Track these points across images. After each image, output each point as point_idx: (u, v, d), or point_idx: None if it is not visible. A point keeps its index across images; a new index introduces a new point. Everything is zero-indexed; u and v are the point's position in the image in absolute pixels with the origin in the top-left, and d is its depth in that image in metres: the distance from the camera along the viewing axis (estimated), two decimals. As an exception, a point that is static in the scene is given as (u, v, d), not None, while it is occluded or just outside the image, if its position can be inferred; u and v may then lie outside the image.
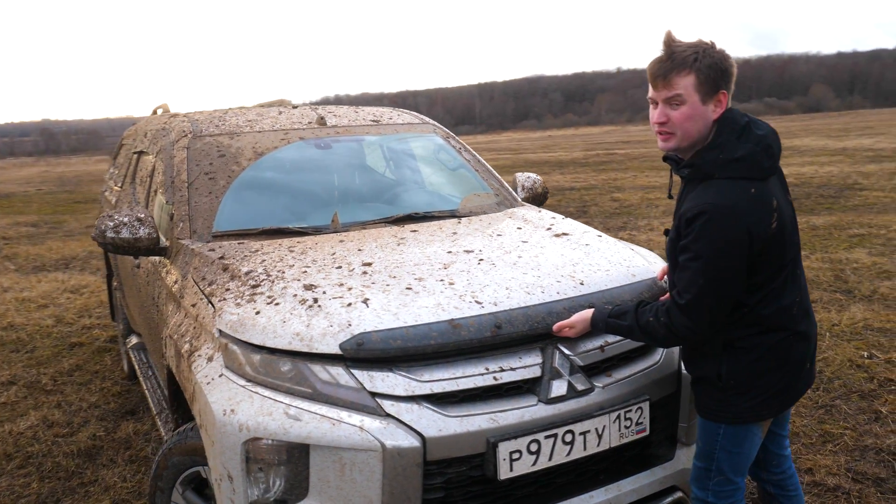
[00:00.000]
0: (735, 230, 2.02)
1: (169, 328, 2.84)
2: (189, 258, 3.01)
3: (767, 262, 2.10)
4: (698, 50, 2.09)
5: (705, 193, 2.08)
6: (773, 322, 2.16)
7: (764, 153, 2.10)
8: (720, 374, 2.21)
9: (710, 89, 2.09)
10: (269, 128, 3.85)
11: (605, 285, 2.63)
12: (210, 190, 3.39)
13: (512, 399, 2.29)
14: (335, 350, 2.21)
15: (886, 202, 12.05)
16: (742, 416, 2.23)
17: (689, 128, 2.12)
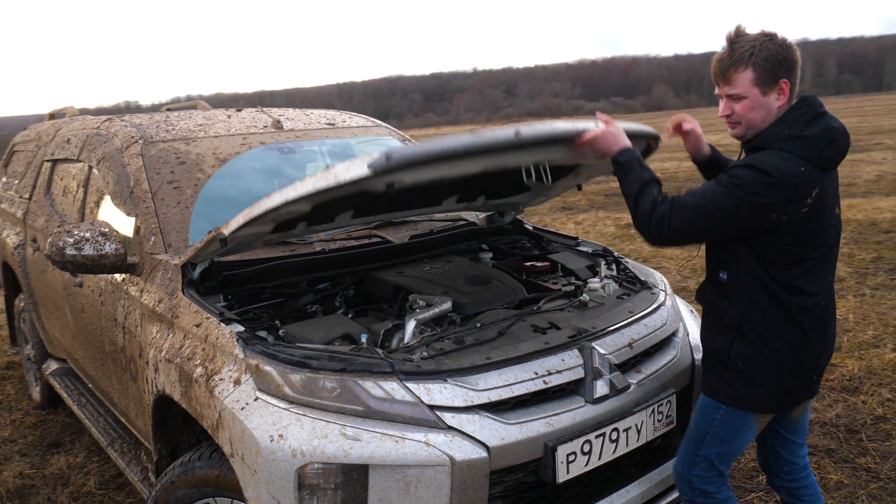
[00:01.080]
0: (765, 191, 2.07)
1: (163, 352, 2.61)
2: (174, 274, 2.78)
3: (794, 237, 2.14)
4: (755, 44, 2.17)
5: (759, 156, 2.15)
6: (791, 311, 2.19)
7: (828, 143, 2.14)
8: (730, 353, 2.26)
9: (768, 80, 2.17)
10: (224, 132, 3.63)
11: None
12: (178, 200, 3.16)
13: (561, 402, 2.30)
14: (365, 172, 2.01)
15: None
16: (740, 401, 2.28)
17: (753, 117, 2.21)
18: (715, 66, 2.25)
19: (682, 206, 2.17)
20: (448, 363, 2.24)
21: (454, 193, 3.10)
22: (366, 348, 2.35)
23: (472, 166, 2.27)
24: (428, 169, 2.19)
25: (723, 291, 2.30)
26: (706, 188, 2.17)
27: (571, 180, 3.16)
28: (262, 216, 2.29)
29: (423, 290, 2.85)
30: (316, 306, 3.03)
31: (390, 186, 2.16)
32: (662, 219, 2.17)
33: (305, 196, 2.16)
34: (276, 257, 3.00)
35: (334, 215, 2.82)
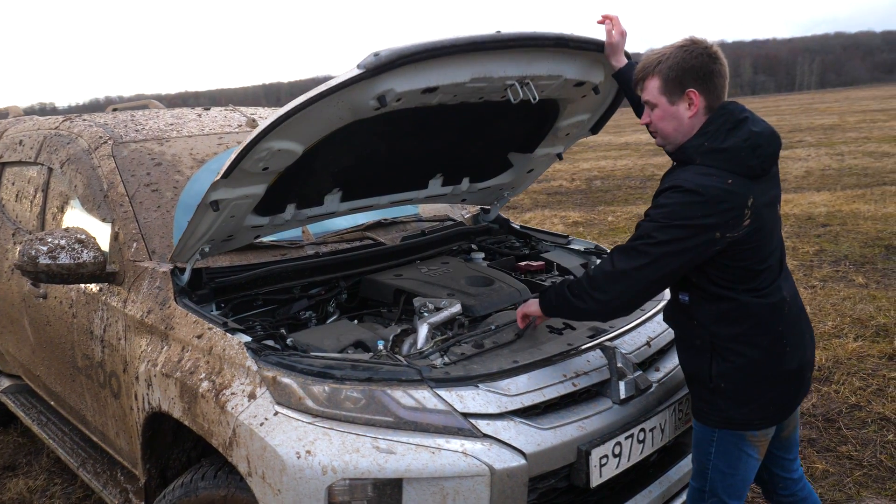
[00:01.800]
0: (700, 211, 1.98)
1: (158, 366, 2.44)
2: (163, 283, 2.61)
3: (744, 253, 2.06)
4: (666, 52, 2.12)
5: (681, 174, 2.07)
6: (761, 318, 2.11)
7: (751, 150, 2.05)
8: (711, 375, 2.15)
9: (675, 89, 2.09)
10: (198, 132, 3.45)
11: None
12: (158, 203, 2.97)
13: (590, 404, 2.25)
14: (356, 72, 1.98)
15: (686, 190, 13.39)
16: (732, 422, 2.17)
17: (665, 127, 2.15)
18: (634, 73, 2.20)
19: (625, 264, 2.07)
20: (476, 368, 2.16)
21: (439, 171, 3.03)
22: (385, 355, 2.25)
23: (461, 74, 2.19)
24: (416, 72, 2.10)
25: (688, 313, 2.20)
26: (640, 233, 2.07)
27: (551, 145, 3.11)
28: (253, 148, 2.14)
29: (426, 293, 2.76)
30: (309, 313, 2.90)
31: (381, 100, 2.09)
32: (609, 285, 2.10)
33: (300, 107, 2.04)
34: (269, 262, 2.86)
35: (323, 193, 2.72)
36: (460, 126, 2.72)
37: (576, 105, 2.85)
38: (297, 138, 2.24)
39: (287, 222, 2.75)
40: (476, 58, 2.22)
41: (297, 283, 2.86)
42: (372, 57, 1.99)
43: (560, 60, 2.45)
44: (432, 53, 2.07)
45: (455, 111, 2.52)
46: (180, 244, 2.50)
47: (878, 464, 3.54)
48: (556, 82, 2.51)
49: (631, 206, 11.96)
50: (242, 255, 2.88)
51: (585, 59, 2.55)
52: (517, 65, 2.34)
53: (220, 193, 2.30)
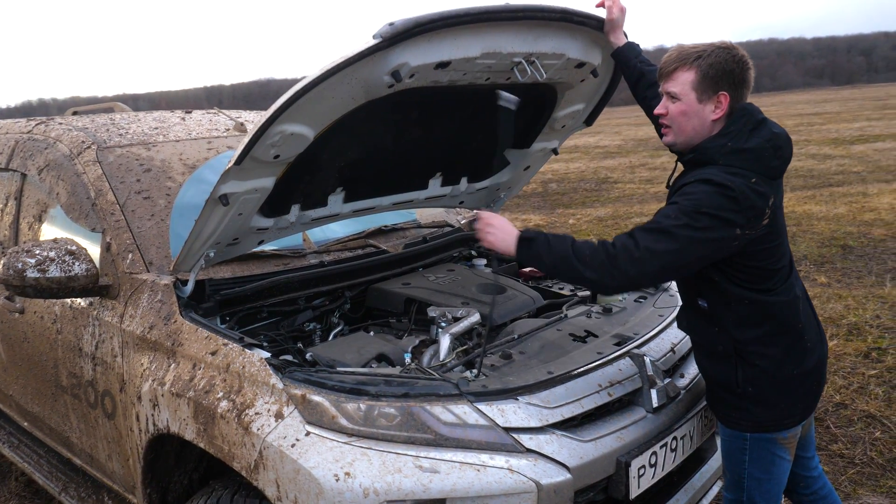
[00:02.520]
0: (727, 205, 1.96)
1: (166, 385, 2.29)
2: (166, 296, 2.47)
3: (761, 253, 2.06)
4: (707, 49, 2.08)
5: (708, 170, 2.04)
6: (783, 318, 2.11)
7: (773, 151, 2.06)
8: (738, 381, 2.13)
9: (708, 88, 2.06)
10: (185, 136, 3.29)
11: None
12: (151, 212, 2.82)
13: (624, 414, 2.20)
14: (372, 42, 1.93)
15: (641, 193, 13.62)
16: (763, 425, 2.16)
17: (684, 123, 2.11)
18: (663, 61, 2.15)
19: (650, 243, 1.98)
20: (513, 381, 2.09)
21: (439, 169, 2.98)
22: (416, 369, 2.16)
23: (472, 48, 2.16)
24: (429, 45, 2.05)
25: (708, 319, 2.17)
26: (665, 214, 2.01)
27: (547, 139, 3.08)
28: (266, 131, 2.06)
29: (439, 302, 2.68)
30: (314, 324, 2.80)
31: (396, 75, 2.04)
32: (629, 263, 1.99)
33: (315, 83, 1.96)
34: (273, 272, 2.74)
35: (327, 193, 2.65)
36: (463, 116, 2.66)
37: (574, 92, 2.80)
38: (310, 121, 2.15)
39: (291, 225, 2.64)
40: (486, 30, 2.18)
41: (303, 294, 2.75)
42: (388, 26, 1.94)
43: (563, 38, 2.42)
44: (447, 22, 2.02)
45: (459, 98, 2.47)
46: (185, 249, 2.37)
47: (870, 461, 3.60)
48: (560, 61, 2.48)
49: (589, 209, 12.08)
50: (244, 265, 2.75)
51: (586, 38, 2.52)
52: (524, 40, 2.30)
53: (229, 186, 2.19)
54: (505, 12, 2.12)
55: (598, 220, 10.79)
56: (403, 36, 1.94)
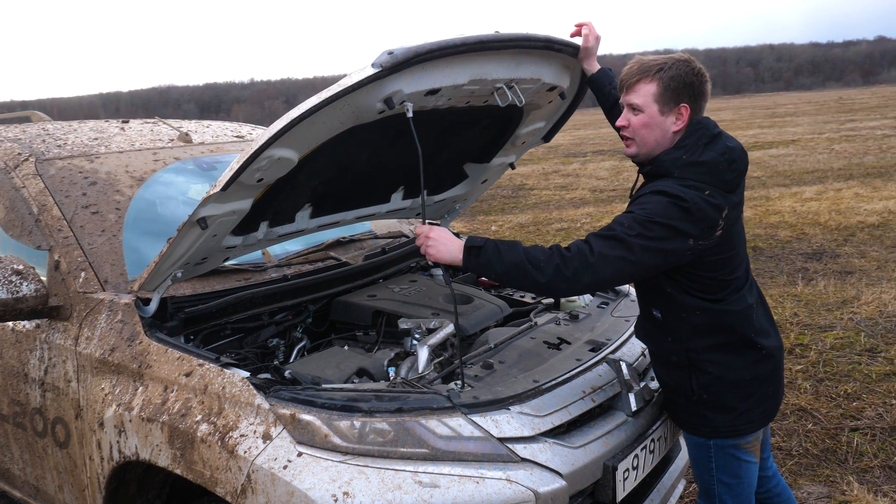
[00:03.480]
0: (680, 215, 1.99)
1: (134, 410, 2.18)
2: (127, 316, 2.34)
3: (715, 264, 2.10)
4: (666, 62, 2.13)
5: (660, 183, 2.09)
6: (734, 326, 2.15)
7: (727, 164, 2.09)
8: (692, 388, 2.19)
9: (669, 100, 2.11)
10: (129, 147, 3.15)
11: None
12: (102, 227, 2.67)
13: (607, 419, 2.24)
14: (371, 71, 1.90)
15: (558, 199, 13.93)
16: (722, 431, 2.21)
17: (646, 135, 2.15)
18: (625, 73, 2.19)
19: (604, 249, 2.00)
20: (502, 391, 2.09)
21: (402, 183, 2.97)
22: (402, 382, 2.14)
23: (461, 75, 2.19)
24: (423, 73, 2.07)
25: (662, 329, 2.22)
26: (620, 222, 2.04)
27: (507, 154, 3.12)
28: (259, 156, 2.01)
29: (410, 314, 2.66)
30: (276, 340, 2.73)
31: (389, 102, 2.03)
32: (583, 268, 1.99)
33: (312, 111, 1.93)
34: (237, 288, 2.65)
35: (297, 209, 2.61)
36: (433, 135, 2.67)
37: (539, 111, 2.86)
38: (298, 146, 2.11)
39: (259, 241, 2.57)
40: (475, 58, 2.20)
41: (267, 309, 2.67)
42: (386, 55, 1.92)
43: (541, 63, 2.48)
44: (445, 52, 2.02)
45: (431, 118, 2.48)
46: (152, 269, 2.26)
47: (806, 452, 3.80)
48: (535, 86, 2.53)
49: (509, 216, 12.25)
50: (205, 281, 2.65)
51: (559, 63, 2.58)
52: (507, 67, 2.34)
53: (209, 209, 2.12)
54: (496, 42, 2.15)
55: (520, 227, 10.97)
56: (403, 66, 1.93)
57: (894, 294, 6.14)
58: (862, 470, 3.61)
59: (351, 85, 1.92)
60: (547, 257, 2.03)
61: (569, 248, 2.05)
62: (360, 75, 1.92)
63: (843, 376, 4.60)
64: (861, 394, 4.35)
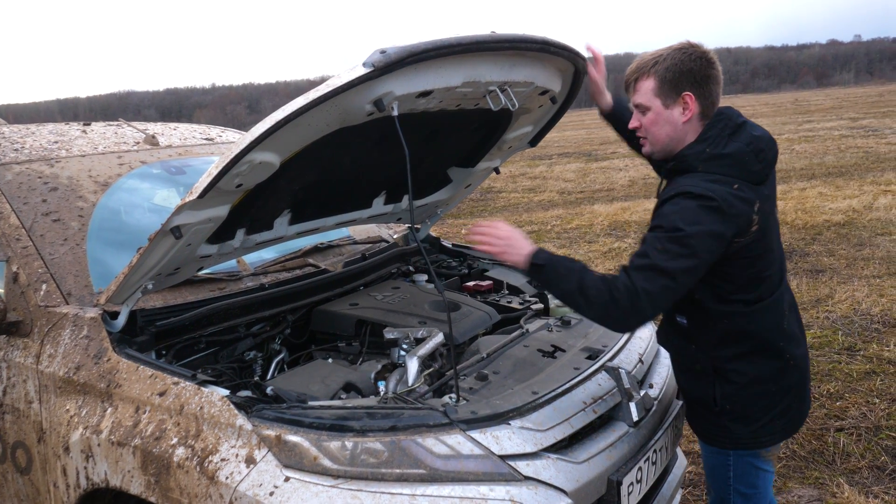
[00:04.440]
0: (713, 218, 1.91)
1: (102, 433, 2.01)
2: (93, 331, 2.18)
3: (750, 262, 2.02)
4: (661, 54, 2.07)
5: (686, 181, 1.99)
6: (762, 334, 2.07)
7: (754, 155, 2.01)
8: (715, 398, 2.10)
9: (670, 91, 2.04)
10: (92, 151, 2.97)
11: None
12: (64, 236, 2.50)
13: (609, 430, 2.14)
14: (362, 70, 1.78)
15: (526, 202, 13.91)
16: (743, 443, 2.13)
17: (656, 132, 2.09)
18: (625, 74, 2.14)
19: (647, 285, 1.89)
20: (501, 404, 1.97)
21: (384, 188, 2.86)
22: (394, 397, 2.01)
23: (455, 77, 2.07)
24: (416, 74, 1.95)
25: (687, 336, 2.14)
26: (654, 247, 1.92)
27: (492, 158, 3.02)
28: (239, 161, 1.87)
29: (395, 323, 2.53)
30: (254, 353, 2.58)
31: (378, 104, 1.92)
32: (636, 305, 1.89)
33: (297, 113, 1.80)
34: (211, 299, 2.49)
35: (275, 216, 2.47)
36: (421, 138, 2.55)
37: (528, 116, 2.77)
38: (280, 149, 1.97)
39: (235, 250, 2.42)
40: (469, 60, 2.09)
41: (244, 321, 2.52)
42: (379, 54, 1.80)
43: (535, 67, 2.38)
44: (440, 52, 1.90)
45: (418, 121, 2.36)
46: (120, 281, 2.09)
47: (793, 454, 3.75)
48: (528, 89, 2.43)
49: (478, 218, 12.17)
50: (177, 292, 2.49)
51: (553, 67, 2.48)
52: (501, 69, 2.24)
53: (183, 217, 1.96)
54: (492, 42, 2.04)
55: (491, 230, 10.88)
56: (396, 66, 1.81)
57: (866, 292, 6.18)
58: (850, 471, 3.57)
59: (340, 85, 1.78)
60: (598, 293, 1.93)
61: (617, 287, 1.92)
62: (350, 75, 1.79)
63: (825, 375, 4.58)
64: (844, 393, 4.33)
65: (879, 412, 4.07)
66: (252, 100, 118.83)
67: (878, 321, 5.48)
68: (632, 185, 14.84)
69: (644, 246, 1.95)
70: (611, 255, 8.60)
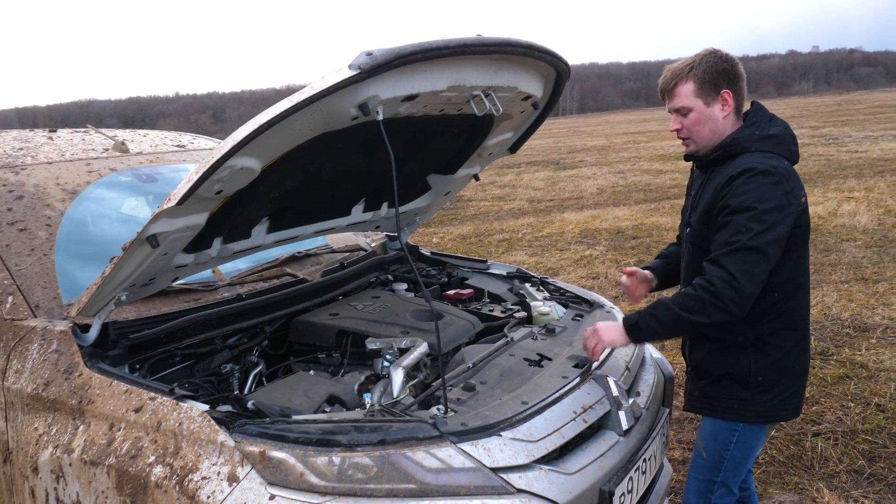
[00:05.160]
0: (780, 188, 2.06)
1: (74, 452, 1.92)
2: (63, 345, 2.08)
3: (797, 240, 2.15)
4: (696, 59, 2.24)
5: (743, 160, 2.14)
6: (797, 315, 2.21)
7: (792, 138, 2.22)
8: (750, 370, 2.19)
9: (710, 91, 2.21)
10: (59, 158, 2.86)
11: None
12: (31, 246, 2.39)
13: (599, 440, 2.10)
14: (349, 73, 1.73)
15: (496, 210, 13.91)
16: (764, 415, 2.23)
17: (700, 131, 2.25)
18: (660, 83, 2.30)
19: (740, 265, 2.03)
20: (491, 415, 1.92)
21: (364, 195, 2.80)
22: (380, 410, 1.95)
23: (440, 81, 2.05)
24: (402, 77, 1.92)
25: None
26: (736, 230, 2.05)
27: (471, 165, 2.99)
28: (221, 166, 1.80)
29: (378, 333, 2.47)
30: (230, 365, 2.50)
31: (364, 108, 1.87)
32: (736, 286, 2.02)
33: (281, 116, 1.74)
34: (186, 310, 2.41)
35: (254, 223, 2.40)
36: (402, 144, 2.50)
37: (509, 122, 2.74)
38: (262, 154, 1.91)
39: (212, 259, 2.34)
40: (455, 63, 2.06)
41: (221, 332, 2.44)
42: (365, 56, 1.75)
43: (518, 71, 2.35)
44: (427, 55, 1.86)
45: (402, 127, 2.31)
46: (92, 293, 2.01)
47: (772, 459, 3.76)
48: (512, 94, 2.40)
49: (449, 227, 12.15)
50: (150, 303, 2.40)
51: (536, 72, 2.46)
52: (486, 73, 2.21)
53: (161, 226, 1.89)
54: (478, 45, 2.02)
55: (462, 238, 10.86)
56: (383, 68, 1.76)
57: (836, 297, 6.27)
58: (829, 475, 3.58)
59: (326, 88, 1.73)
60: (696, 300, 2.07)
61: (710, 282, 2.06)
62: (335, 77, 1.73)
63: (800, 381, 4.61)
64: (819, 398, 4.36)
65: (855, 416, 4.10)
66: (217, 109, 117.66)
67: (849, 326, 5.55)
68: (601, 194, 14.94)
69: (727, 235, 2.08)
70: (583, 262, 8.61)
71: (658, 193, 14.18)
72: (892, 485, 3.46)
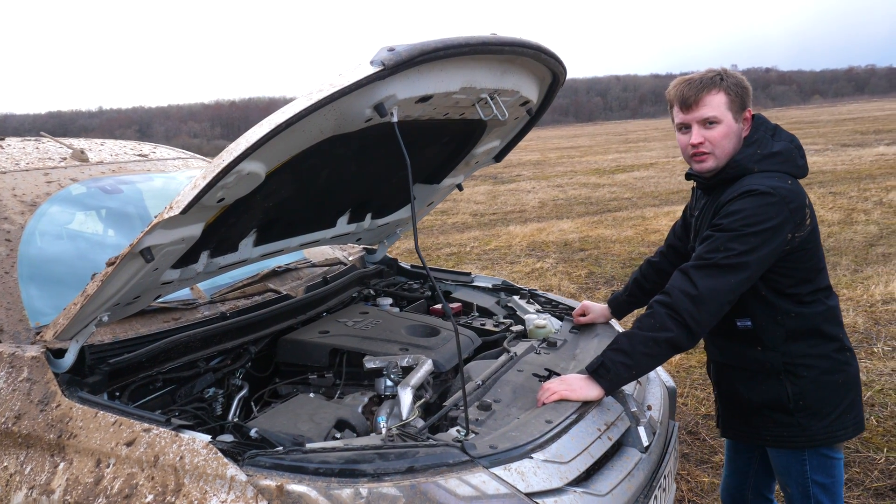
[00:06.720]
0: (773, 212, 1.97)
1: (55, 493, 1.70)
2: (36, 373, 1.86)
3: (807, 258, 2.08)
4: (719, 73, 2.14)
5: (746, 182, 2.05)
6: (826, 329, 2.12)
7: (798, 150, 2.14)
8: (788, 396, 2.11)
9: (739, 107, 2.12)
10: (14, 167, 2.62)
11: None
12: (-10, 263, 2.16)
13: (622, 458, 2.00)
14: (370, 69, 1.60)
15: (440, 224, 13.84)
16: (817, 440, 2.13)
17: (726, 146, 2.12)
18: (684, 89, 2.13)
19: (708, 281, 1.96)
20: (518, 436, 1.80)
21: (349, 206, 2.68)
22: (399, 434, 1.80)
23: (454, 82, 1.96)
24: (419, 77, 1.82)
25: (751, 339, 2.15)
26: (714, 248, 1.99)
27: (457, 174, 2.90)
28: (230, 171, 1.64)
29: (375, 351, 2.32)
30: (213, 389, 2.31)
31: (380, 108, 1.76)
32: (693, 307, 1.95)
33: (300, 115, 1.60)
34: (168, 331, 2.21)
35: (243, 235, 2.24)
36: (394, 152, 2.38)
37: (499, 129, 2.66)
38: (269, 159, 1.76)
39: (198, 274, 2.15)
40: (469, 64, 1.97)
41: (205, 354, 2.25)
42: (387, 52, 1.62)
43: (522, 75, 2.27)
44: (449, 52, 1.75)
45: (402, 133, 2.20)
46: (73, 313, 1.80)
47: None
48: (513, 98, 2.31)
49: (395, 242, 12.00)
50: (126, 324, 2.19)
51: (535, 77, 2.38)
52: (494, 76, 2.12)
53: (156, 237, 1.71)
54: (495, 44, 1.92)
55: (409, 252, 10.71)
56: (406, 65, 1.64)
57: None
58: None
59: (346, 86, 1.59)
60: (655, 317, 1.99)
61: (667, 293, 2.00)
62: (356, 75, 1.60)
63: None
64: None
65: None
66: (143, 123, 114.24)
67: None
68: (542, 207, 15.04)
69: (704, 249, 2.01)
70: (534, 275, 8.59)
71: (599, 206, 14.36)
72: (869, 489, 3.49)
